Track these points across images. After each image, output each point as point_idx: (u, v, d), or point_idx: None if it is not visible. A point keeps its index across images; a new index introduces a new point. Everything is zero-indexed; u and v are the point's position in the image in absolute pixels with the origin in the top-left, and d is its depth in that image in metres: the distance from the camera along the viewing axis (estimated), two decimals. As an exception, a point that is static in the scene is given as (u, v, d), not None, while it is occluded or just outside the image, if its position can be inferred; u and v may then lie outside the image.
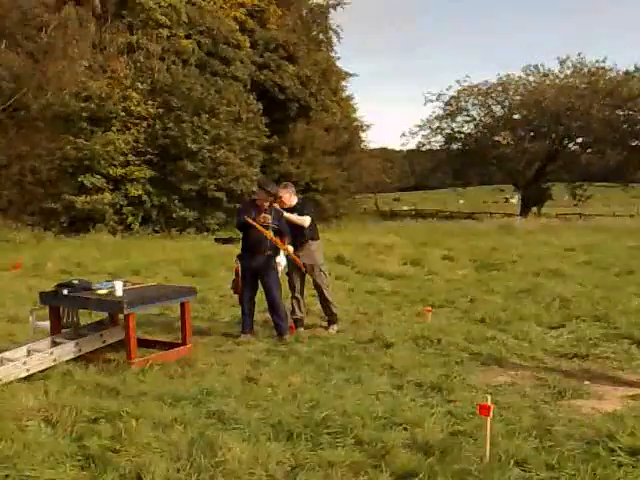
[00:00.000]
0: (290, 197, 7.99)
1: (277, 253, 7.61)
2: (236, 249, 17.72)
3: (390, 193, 60.67)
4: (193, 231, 25.73)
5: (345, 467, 3.89)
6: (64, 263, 14.39)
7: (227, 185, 26.32)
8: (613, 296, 9.58)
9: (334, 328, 7.95)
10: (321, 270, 8.01)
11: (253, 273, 7.47)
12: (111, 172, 24.72)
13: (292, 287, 8.04)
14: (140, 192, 25.26)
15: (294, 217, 7.80)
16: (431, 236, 20.67)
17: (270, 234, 7.36)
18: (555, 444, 4.25)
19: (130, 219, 25.18)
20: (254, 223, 7.25)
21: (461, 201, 63.40)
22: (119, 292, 6.27)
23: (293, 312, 7.98)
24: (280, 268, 7.66)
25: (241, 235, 7.76)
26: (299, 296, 8.04)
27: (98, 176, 24.35)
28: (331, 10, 38.68)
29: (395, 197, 63.31)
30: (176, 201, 25.73)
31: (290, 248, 7.64)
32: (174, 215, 25.70)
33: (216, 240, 21.14)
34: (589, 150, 42.37)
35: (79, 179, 24.01)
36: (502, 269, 12.97)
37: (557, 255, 15.01)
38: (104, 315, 7.24)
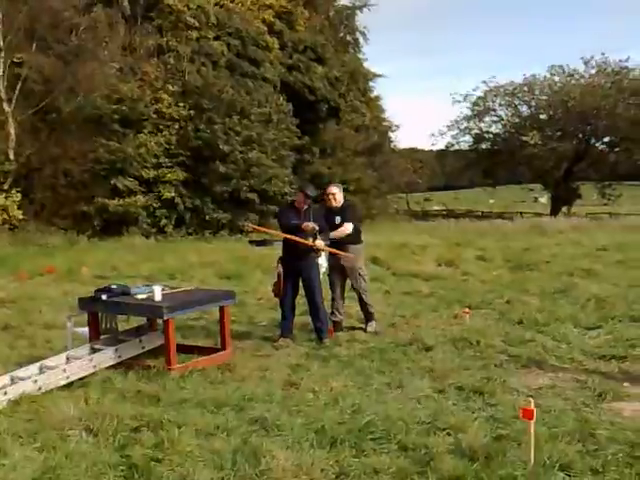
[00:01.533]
0: (341, 195, 8.05)
1: (319, 255, 7.62)
2: (271, 251, 17.90)
3: (420, 193, 60.39)
4: (227, 233, 25.84)
5: (390, 474, 3.89)
6: (99, 268, 14.52)
7: (260, 186, 26.40)
8: (649, 296, 9.48)
9: (372, 325, 7.99)
10: (360, 274, 8.03)
11: (295, 276, 7.49)
12: (144, 174, 24.92)
13: (333, 289, 8.10)
14: (173, 194, 25.42)
15: (337, 234, 7.79)
16: (464, 236, 20.62)
17: (313, 243, 7.36)
18: (599, 448, 4.22)
19: (163, 222, 25.35)
20: (295, 239, 7.27)
21: (491, 200, 62.93)
22: (158, 297, 6.30)
23: (332, 314, 8.01)
24: (322, 270, 7.66)
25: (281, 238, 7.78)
26: (339, 299, 8.10)
27: (131, 179, 24.58)
28: (357, 12, 38.90)
29: (426, 197, 62.95)
30: (209, 203, 25.86)
31: (333, 251, 7.66)
32: (207, 217, 25.84)
33: (250, 243, 21.22)
34: (616, 149, 42.04)
35: (112, 182, 24.24)
36: (536, 269, 12.91)
37: (590, 255, 14.91)
38: (142, 320, 7.32)
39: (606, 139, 41.99)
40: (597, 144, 42.78)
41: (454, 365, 6.26)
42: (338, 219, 7.89)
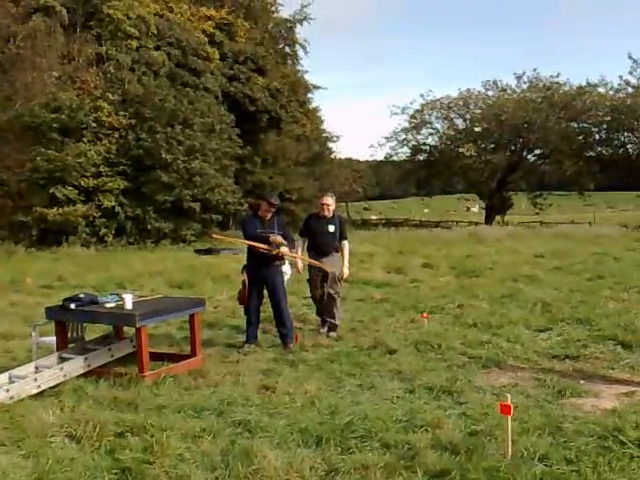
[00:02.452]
0: (334, 205, 8.46)
1: (283, 263, 7.76)
2: (217, 260, 17.86)
3: (359, 202, 61.20)
4: (169, 242, 25.63)
5: (379, 469, 4.05)
6: (43, 278, 14.26)
7: (202, 196, 26.35)
8: (590, 300, 10.06)
9: (333, 335, 8.21)
10: (339, 280, 8.39)
11: (259, 283, 7.61)
12: (83, 183, 24.52)
13: (314, 295, 8.46)
14: (113, 203, 25.09)
15: (346, 262, 8.46)
16: (406, 245, 21.06)
17: (278, 250, 7.48)
18: (568, 440, 4.49)
19: (103, 231, 24.96)
20: (261, 247, 7.39)
21: (426, 210, 64.27)
22: (129, 305, 6.33)
23: (319, 313, 8.47)
24: (286, 277, 7.81)
25: (242, 247, 7.89)
26: (323, 299, 8.39)
27: (70, 188, 24.14)
28: (297, 24, 39.38)
29: (365, 206, 63.80)
30: (150, 212, 25.59)
31: (300, 257, 7.88)
32: (149, 226, 25.57)
33: (196, 251, 21.16)
34: (547, 161, 43.63)
35: (50, 191, 23.72)
36: (481, 275, 13.40)
37: (529, 262, 15.57)
38: (107, 329, 7.32)
39: (537, 151, 43.46)
40: (529, 156, 44.24)
41: (419, 367, 6.49)
42: (332, 228, 8.31)
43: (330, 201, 8.47)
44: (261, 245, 7.42)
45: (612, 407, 5.21)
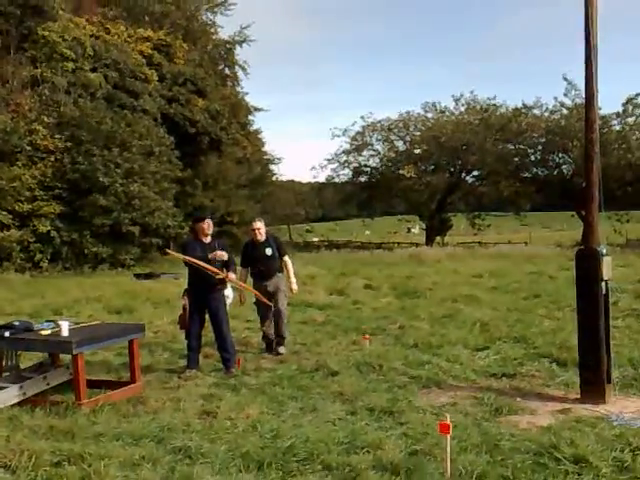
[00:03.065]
0: (264, 229, 8.67)
1: (225, 287, 7.73)
2: (157, 284, 17.56)
3: (300, 224, 61.32)
4: (107, 267, 25.11)
5: (320, 492, 4.06)
6: (-24, 305, 13.83)
7: (142, 219, 25.91)
8: (526, 318, 10.35)
9: (282, 349, 8.47)
10: (285, 296, 8.71)
11: (201, 308, 7.55)
12: (17, 208, 23.88)
13: (264, 315, 8.62)
14: (49, 228, 24.47)
15: (293, 279, 8.85)
16: (348, 266, 21.25)
17: (223, 274, 7.50)
18: (505, 457, 4.58)
19: (38, 256, 24.29)
20: (211, 269, 7.36)
21: (367, 232, 64.76)
22: (65, 332, 6.20)
23: (265, 337, 8.66)
24: (229, 301, 7.78)
25: (186, 271, 7.82)
26: (270, 322, 8.60)
27: (4, 212, 23.46)
28: (237, 46, 39.42)
29: (307, 228, 63.90)
30: (88, 236, 25.00)
31: (232, 275, 7.82)
32: (86, 251, 24.98)
33: (135, 276, 20.83)
34: (484, 182, 44.44)
35: (-17, 215, 23.04)
36: (422, 296, 13.58)
37: (468, 282, 15.85)
38: (43, 357, 7.14)
39: (475, 172, 44.17)
40: (467, 177, 44.97)
41: (361, 388, 6.54)
42: (269, 251, 8.52)
43: (259, 225, 8.68)
44: (211, 267, 7.38)
45: (547, 424, 5.34)
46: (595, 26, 6.04)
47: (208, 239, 7.63)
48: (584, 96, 6.36)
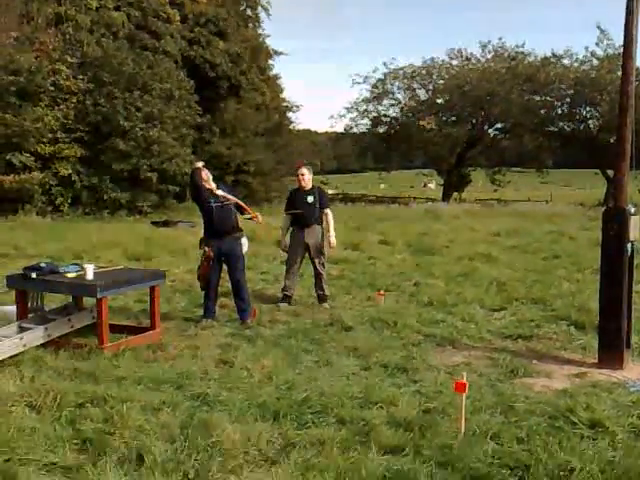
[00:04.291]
0: (310, 177, 8.73)
1: (242, 234, 7.79)
2: (174, 232, 17.73)
3: (316, 176, 60.97)
4: (125, 213, 25.18)
5: (335, 444, 4.15)
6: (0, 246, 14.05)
7: (160, 166, 25.81)
8: (545, 279, 10.30)
9: (325, 306, 8.54)
10: (322, 252, 8.73)
11: (219, 257, 7.60)
12: (40, 150, 23.77)
13: (292, 264, 8.69)
14: (70, 171, 24.44)
15: (332, 232, 8.84)
16: (363, 221, 21.17)
17: (254, 213, 7.77)
18: (519, 419, 4.65)
19: (59, 200, 24.38)
20: (246, 207, 7.68)
21: (382, 185, 64.35)
22: (90, 275, 6.32)
23: (285, 289, 8.65)
24: (245, 249, 7.83)
25: (201, 219, 7.86)
26: (295, 274, 8.71)
27: (27, 154, 23.40)
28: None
29: (322, 180, 63.70)
30: (107, 182, 25.03)
31: (260, 216, 7.98)
32: (105, 196, 25.03)
33: (153, 223, 20.98)
34: (507, 135, 43.31)
35: (7, 157, 23.03)
36: (437, 254, 13.54)
37: (485, 240, 15.77)
38: (65, 299, 7.28)
39: (498, 125, 43.03)
40: (490, 130, 43.87)
41: (375, 344, 6.62)
42: (310, 199, 8.62)
43: (305, 171, 8.72)
44: (245, 206, 7.73)
45: (563, 388, 5.40)
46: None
47: (212, 186, 7.61)
48: (622, 44, 6.02)
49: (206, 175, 7.57)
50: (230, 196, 7.66)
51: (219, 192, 7.55)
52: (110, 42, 26.35)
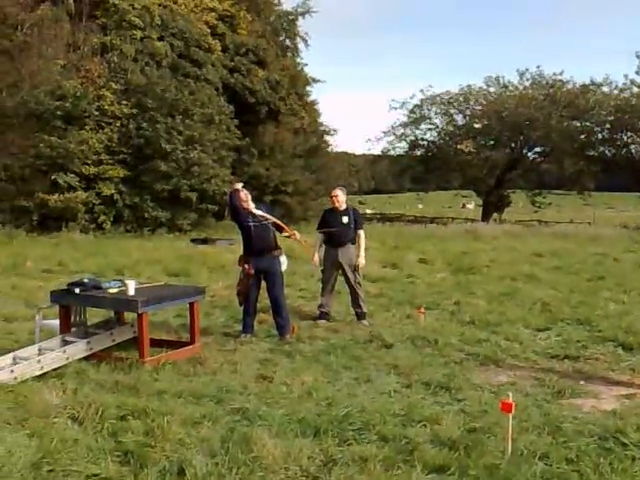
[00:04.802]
0: (344, 198, 8.80)
1: (281, 253, 7.79)
2: (213, 249, 17.82)
3: (353, 196, 61.22)
4: (165, 231, 25.61)
5: (377, 462, 4.06)
6: (44, 262, 14.34)
7: (200, 186, 26.29)
8: (590, 300, 10.04)
9: (364, 323, 8.49)
10: (357, 270, 8.71)
11: (258, 273, 7.62)
12: (84, 171, 24.43)
13: (326, 281, 8.75)
14: (113, 191, 25.03)
15: (362, 252, 8.85)
16: (402, 240, 21.07)
17: (290, 231, 7.84)
18: (568, 440, 4.49)
19: (102, 218, 24.92)
20: (283, 226, 7.74)
21: (420, 205, 64.18)
22: (132, 291, 6.37)
23: (322, 306, 8.69)
24: (284, 267, 7.84)
25: (240, 237, 7.89)
26: (330, 292, 8.76)
27: (72, 175, 24.06)
28: (299, 17, 39.26)
29: (360, 200, 63.83)
30: (148, 201, 25.54)
31: (298, 235, 8.00)
32: (146, 215, 25.51)
33: (192, 241, 21.19)
34: (547, 159, 43.22)
35: (52, 177, 23.67)
36: (478, 273, 13.38)
37: (527, 260, 15.52)
38: (107, 314, 7.33)
39: (538, 149, 42.99)
40: (529, 154, 43.81)
41: (416, 362, 6.50)
42: (345, 219, 8.69)
43: (339, 193, 8.82)
44: (283, 225, 7.79)
45: (612, 408, 5.23)
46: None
47: (250, 206, 7.63)
48: None
49: (245, 195, 7.64)
50: (269, 215, 7.72)
51: (257, 212, 7.60)
52: (154, 70, 26.99)
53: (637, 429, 4.59)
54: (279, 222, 7.84)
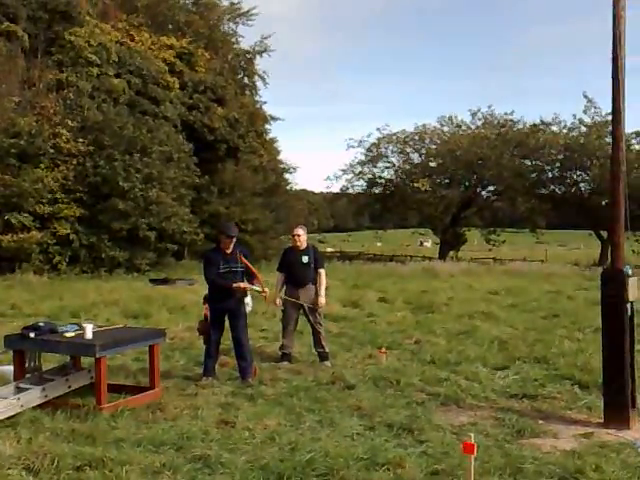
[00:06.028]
0: (305, 237, 8.80)
1: (245, 295, 7.75)
2: (173, 290, 17.62)
3: (313, 234, 61.35)
4: (123, 271, 25.20)
5: (340, 508, 4.04)
6: (-4, 305, 13.96)
7: (159, 225, 26.06)
8: (545, 338, 10.21)
9: (327, 364, 8.44)
10: (319, 311, 8.73)
11: (221, 315, 7.58)
12: (39, 210, 23.94)
13: (287, 322, 8.70)
14: (68, 231, 24.54)
15: (322, 292, 8.80)
16: (362, 278, 21.21)
17: (266, 292, 7.77)
18: (528, 481, 4.54)
19: (57, 258, 24.36)
20: (254, 288, 7.66)
21: (379, 243, 64.68)
22: (89, 335, 6.24)
23: (283, 347, 8.64)
24: (248, 309, 7.80)
25: (202, 278, 7.86)
26: (291, 333, 8.72)
27: (26, 214, 23.56)
28: (257, 56, 39.80)
29: (320, 239, 64.01)
30: (106, 240, 25.09)
31: (267, 292, 7.89)
32: (103, 255, 25.05)
33: (151, 281, 20.93)
34: (500, 197, 44.23)
35: (5, 217, 23.17)
36: (437, 311, 13.53)
37: (484, 298, 15.79)
38: (63, 359, 7.17)
39: (491, 187, 43.99)
40: (483, 192, 44.81)
41: (379, 403, 6.51)
42: (305, 258, 8.65)
43: (300, 232, 8.83)
44: (248, 285, 7.63)
45: (571, 448, 5.29)
46: (623, 42, 5.94)
47: (230, 248, 7.65)
48: (610, 113, 6.22)
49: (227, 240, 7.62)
50: (249, 264, 7.73)
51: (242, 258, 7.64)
52: (111, 107, 26.86)
53: (596, 469, 4.64)
54: (255, 271, 7.82)
